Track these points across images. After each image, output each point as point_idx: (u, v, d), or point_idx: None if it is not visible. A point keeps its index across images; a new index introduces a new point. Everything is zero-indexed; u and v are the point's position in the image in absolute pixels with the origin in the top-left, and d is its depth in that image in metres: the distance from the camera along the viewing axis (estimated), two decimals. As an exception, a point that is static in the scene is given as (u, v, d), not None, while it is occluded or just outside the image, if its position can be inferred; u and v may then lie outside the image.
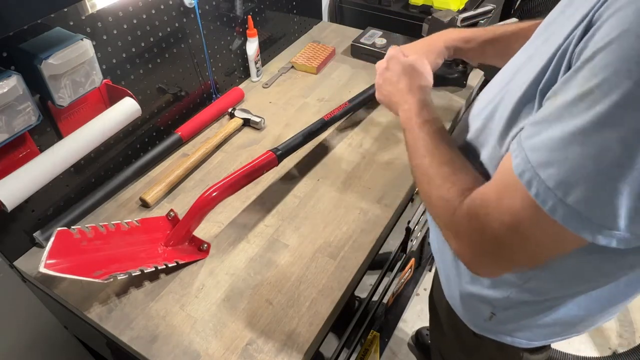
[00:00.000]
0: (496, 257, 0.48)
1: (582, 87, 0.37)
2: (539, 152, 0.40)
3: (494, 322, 0.70)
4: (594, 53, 0.37)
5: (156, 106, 1.09)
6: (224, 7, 1.18)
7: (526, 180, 0.41)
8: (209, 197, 0.83)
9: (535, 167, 0.40)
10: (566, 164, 0.38)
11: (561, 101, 0.39)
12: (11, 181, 0.76)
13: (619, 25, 0.35)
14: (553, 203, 0.39)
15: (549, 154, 0.39)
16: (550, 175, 0.39)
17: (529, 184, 0.41)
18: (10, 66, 0.73)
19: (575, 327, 0.67)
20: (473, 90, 1.27)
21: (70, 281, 0.82)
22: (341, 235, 0.89)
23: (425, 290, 1.82)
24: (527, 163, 0.41)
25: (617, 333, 1.71)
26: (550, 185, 0.39)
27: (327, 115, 1.08)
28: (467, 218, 0.48)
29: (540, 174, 0.39)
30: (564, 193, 0.38)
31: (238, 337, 0.74)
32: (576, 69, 0.38)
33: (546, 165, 0.39)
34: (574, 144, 0.37)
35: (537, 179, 0.40)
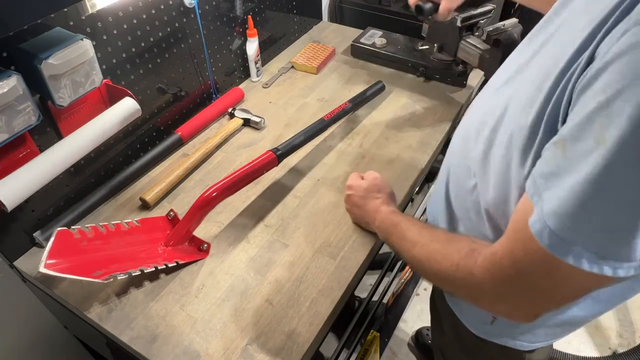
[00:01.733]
0: (532, 302, 0.49)
1: (586, 142, 0.38)
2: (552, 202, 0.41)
3: (496, 326, 0.70)
4: (599, 106, 0.37)
5: (156, 106, 1.09)
6: (224, 7, 1.18)
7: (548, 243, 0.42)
8: (209, 197, 0.83)
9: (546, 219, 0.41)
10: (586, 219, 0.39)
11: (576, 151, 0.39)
12: (11, 181, 0.76)
13: (622, 76, 0.35)
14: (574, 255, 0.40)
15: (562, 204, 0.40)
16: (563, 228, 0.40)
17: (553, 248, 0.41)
18: (10, 66, 0.73)
19: (575, 326, 0.67)
20: (473, 90, 1.27)
21: (70, 281, 0.82)
22: (341, 235, 0.89)
23: (425, 290, 1.82)
24: (542, 217, 0.42)
25: (617, 333, 1.71)
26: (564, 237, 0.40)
27: (327, 115, 1.08)
28: (490, 273, 0.49)
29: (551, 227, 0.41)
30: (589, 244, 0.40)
31: (238, 337, 0.74)
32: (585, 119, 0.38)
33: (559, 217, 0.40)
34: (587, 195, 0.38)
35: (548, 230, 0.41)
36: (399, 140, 1.10)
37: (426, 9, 0.96)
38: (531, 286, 0.46)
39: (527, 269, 0.45)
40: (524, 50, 0.59)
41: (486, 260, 0.50)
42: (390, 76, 1.32)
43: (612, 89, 0.36)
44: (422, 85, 1.29)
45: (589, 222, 0.39)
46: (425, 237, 0.62)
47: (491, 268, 0.49)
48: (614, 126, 0.36)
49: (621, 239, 0.39)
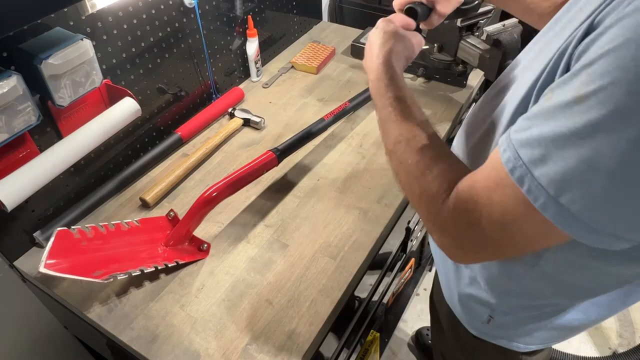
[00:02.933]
0: (481, 250, 0.48)
1: (579, 91, 0.37)
2: (531, 149, 0.40)
3: (492, 326, 0.70)
4: (594, 59, 0.37)
5: (156, 106, 1.09)
6: (224, 7, 1.18)
7: (517, 177, 0.41)
8: (209, 197, 0.83)
9: (527, 164, 0.40)
10: (560, 164, 0.38)
11: (556, 100, 0.39)
12: (11, 181, 0.76)
13: (621, 33, 0.35)
14: (545, 200, 0.39)
15: (541, 151, 0.39)
16: (542, 173, 0.39)
17: (520, 181, 0.40)
18: (10, 66, 0.73)
19: (573, 331, 0.67)
20: (473, 90, 1.27)
21: (70, 281, 0.82)
22: (341, 235, 0.89)
23: (425, 290, 1.82)
24: (518, 159, 0.41)
25: (617, 333, 1.71)
26: (543, 183, 0.39)
27: (327, 115, 1.08)
28: (454, 214, 0.48)
29: (533, 172, 0.39)
30: (557, 192, 0.38)
31: (238, 337, 0.74)
32: (575, 72, 0.38)
33: (539, 162, 0.39)
34: (567, 145, 0.37)
35: (529, 176, 0.40)
36: (399, 140, 1.10)
37: (420, 13, 0.89)
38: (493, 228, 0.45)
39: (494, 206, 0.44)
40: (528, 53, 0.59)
41: (454, 198, 0.48)
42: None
43: (604, 47, 0.36)
44: (422, 85, 1.29)
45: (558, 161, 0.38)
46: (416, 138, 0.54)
47: (456, 205, 0.48)
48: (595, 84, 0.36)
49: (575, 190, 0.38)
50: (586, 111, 0.36)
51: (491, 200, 0.44)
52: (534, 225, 0.42)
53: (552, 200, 0.39)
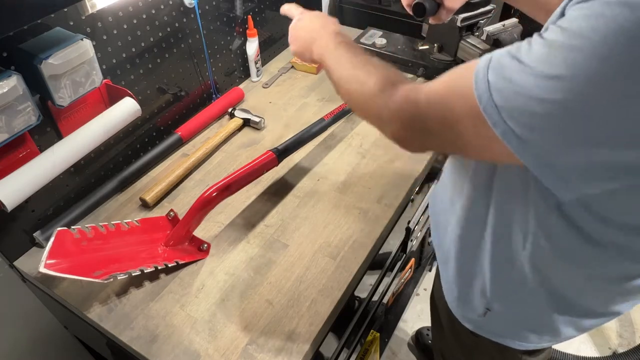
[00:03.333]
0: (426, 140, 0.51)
1: (551, 35, 0.39)
2: (499, 75, 0.41)
3: (488, 319, 0.70)
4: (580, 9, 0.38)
5: (156, 106, 1.09)
6: (224, 7, 1.18)
7: (479, 93, 0.42)
8: (209, 197, 0.83)
9: (490, 86, 0.41)
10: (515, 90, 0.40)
11: (538, 41, 0.40)
12: (11, 181, 0.76)
13: None
14: (496, 120, 0.41)
15: (502, 79, 0.41)
16: (500, 96, 0.41)
17: (480, 99, 0.42)
18: (10, 66, 0.73)
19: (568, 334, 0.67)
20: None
21: (70, 281, 0.82)
22: (341, 235, 0.89)
23: (425, 290, 1.82)
24: (485, 77, 0.42)
25: (617, 333, 1.71)
26: (498, 104, 0.41)
27: (327, 115, 1.08)
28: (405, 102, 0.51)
29: (493, 94, 0.41)
30: (509, 115, 0.40)
31: (238, 337, 0.74)
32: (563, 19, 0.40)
33: (499, 88, 0.41)
34: (528, 77, 0.39)
35: (488, 96, 0.41)
36: (399, 140, 1.10)
37: (429, 8, 0.89)
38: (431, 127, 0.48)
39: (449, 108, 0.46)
40: None
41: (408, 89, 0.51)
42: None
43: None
44: (422, 85, 1.29)
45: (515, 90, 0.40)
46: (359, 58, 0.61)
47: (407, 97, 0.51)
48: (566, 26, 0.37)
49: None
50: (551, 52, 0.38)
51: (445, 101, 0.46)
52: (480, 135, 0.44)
53: (501, 121, 0.41)
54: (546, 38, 0.39)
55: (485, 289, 0.67)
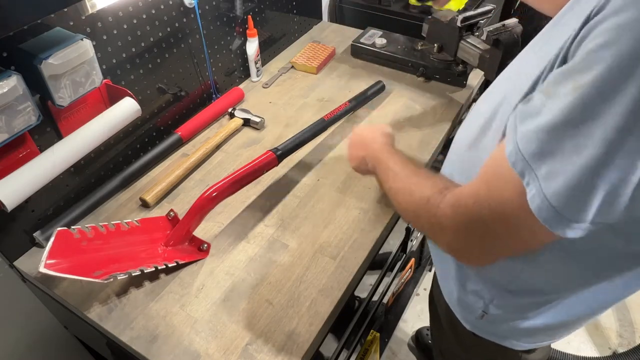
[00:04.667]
0: (484, 246, 0.49)
1: (576, 82, 0.38)
2: (530, 142, 0.41)
3: (486, 321, 0.70)
4: (590, 51, 0.37)
5: (156, 106, 1.09)
6: (224, 7, 1.18)
7: (519, 169, 0.42)
8: (209, 197, 0.83)
9: (526, 157, 0.41)
10: (554, 155, 0.39)
11: (553, 92, 0.40)
12: (11, 181, 0.76)
13: (617, 25, 0.35)
14: (533, 194, 0.40)
15: (539, 144, 0.40)
16: (542, 165, 0.40)
17: (522, 174, 0.41)
18: (10, 66, 0.73)
19: (567, 329, 0.67)
20: (473, 90, 1.27)
21: (70, 281, 0.82)
22: (341, 235, 0.89)
23: (425, 290, 1.82)
24: (519, 152, 0.42)
25: (617, 333, 1.71)
26: (540, 176, 0.40)
27: (327, 115, 1.08)
28: (452, 209, 0.49)
29: (532, 165, 0.40)
30: (547, 184, 0.39)
31: (238, 337, 0.74)
32: (573, 63, 0.39)
33: (537, 155, 0.40)
34: (560, 136, 0.38)
35: (529, 169, 0.41)
36: (399, 140, 1.10)
37: None
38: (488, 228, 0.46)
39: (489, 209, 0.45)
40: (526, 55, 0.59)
41: (453, 196, 0.50)
42: (390, 76, 1.32)
43: (599, 39, 0.37)
44: (422, 85, 1.29)
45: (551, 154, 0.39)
46: (407, 170, 0.63)
47: (455, 204, 0.49)
48: (591, 72, 0.37)
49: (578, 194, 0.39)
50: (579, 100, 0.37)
51: (492, 193, 0.45)
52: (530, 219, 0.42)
53: (539, 192, 0.40)
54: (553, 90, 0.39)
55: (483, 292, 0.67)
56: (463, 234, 0.49)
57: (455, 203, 0.49)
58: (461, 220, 0.48)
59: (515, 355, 0.75)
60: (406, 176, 0.62)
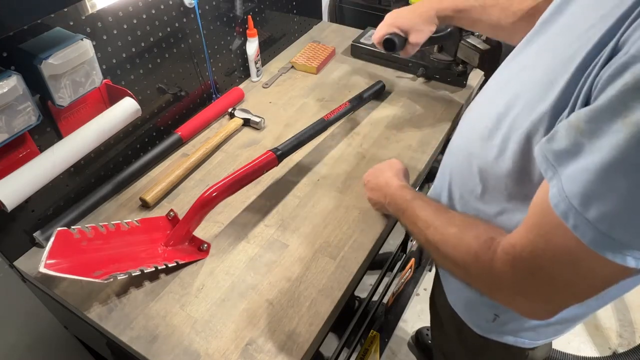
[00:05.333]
0: (549, 297, 0.47)
1: (619, 116, 0.36)
2: (575, 184, 0.39)
3: (498, 324, 0.70)
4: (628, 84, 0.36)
5: (156, 106, 1.09)
6: (224, 7, 1.18)
7: (562, 211, 0.40)
8: (209, 197, 0.83)
9: (570, 199, 0.39)
10: (607, 197, 0.37)
11: (595, 128, 0.38)
12: (11, 181, 0.76)
13: None
14: (594, 236, 0.39)
15: (587, 185, 0.38)
16: (589, 209, 0.38)
17: (565, 216, 0.40)
18: (10, 66, 0.73)
19: (575, 322, 0.68)
20: (473, 90, 1.27)
21: (70, 281, 0.82)
22: (341, 235, 0.89)
23: (425, 290, 1.82)
24: (563, 194, 0.40)
25: (617, 333, 1.71)
26: (590, 218, 0.38)
27: (327, 115, 1.08)
28: (510, 265, 0.47)
29: (577, 207, 0.39)
30: (609, 227, 0.38)
31: (238, 337, 0.74)
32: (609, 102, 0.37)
33: (584, 198, 0.38)
34: (613, 175, 0.37)
35: (574, 211, 0.39)
36: (399, 140, 1.10)
37: (398, 43, 0.95)
38: (552, 279, 0.44)
39: (548, 259, 0.43)
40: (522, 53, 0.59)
41: (505, 252, 0.48)
42: (390, 76, 1.32)
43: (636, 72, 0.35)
44: (422, 85, 1.29)
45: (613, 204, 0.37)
46: (440, 219, 0.59)
47: (512, 260, 0.47)
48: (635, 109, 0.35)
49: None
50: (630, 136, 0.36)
51: (550, 242, 0.43)
52: (593, 262, 0.40)
53: (602, 235, 0.38)
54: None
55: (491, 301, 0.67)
56: (526, 289, 0.47)
57: (511, 260, 0.47)
58: (522, 275, 0.46)
59: (521, 354, 0.75)
60: (442, 226, 0.58)
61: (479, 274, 0.51)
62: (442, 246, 0.57)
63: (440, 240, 0.58)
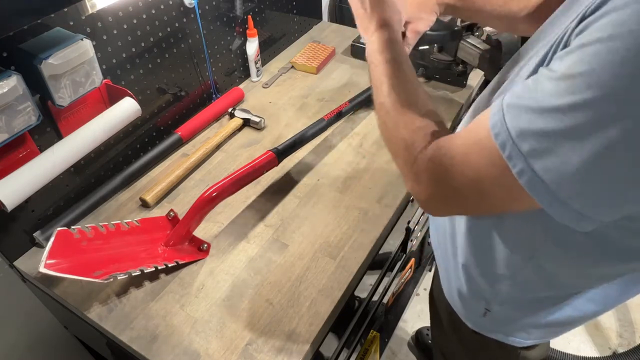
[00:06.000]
0: (451, 203, 0.51)
1: (568, 69, 0.38)
2: (517, 117, 0.41)
3: (489, 319, 0.70)
4: (589, 42, 0.37)
5: (156, 106, 1.09)
6: (224, 7, 1.18)
7: (500, 141, 0.42)
8: (209, 197, 0.83)
9: (511, 131, 0.41)
10: (540, 135, 0.39)
11: (546, 76, 0.40)
12: (11, 181, 0.76)
13: (620, 21, 0.35)
14: (522, 167, 0.40)
15: (525, 120, 0.40)
16: (523, 141, 0.40)
17: (502, 146, 0.42)
18: (10, 66, 0.73)
19: (567, 327, 0.67)
20: (473, 90, 1.27)
21: (70, 281, 0.82)
22: (341, 235, 0.89)
23: (425, 290, 1.82)
24: (504, 125, 0.42)
25: (617, 333, 1.71)
26: (523, 150, 0.40)
27: (327, 115, 1.08)
28: (429, 164, 0.50)
29: (515, 139, 0.40)
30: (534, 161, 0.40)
31: (238, 337, 0.74)
32: (569, 50, 0.39)
33: (521, 132, 0.40)
34: (550, 119, 0.38)
35: (511, 143, 0.41)
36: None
37: None
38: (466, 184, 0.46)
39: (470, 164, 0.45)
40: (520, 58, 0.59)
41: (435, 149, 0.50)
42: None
43: (601, 32, 0.36)
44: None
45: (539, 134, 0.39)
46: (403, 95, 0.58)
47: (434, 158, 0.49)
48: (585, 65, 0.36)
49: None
50: (572, 90, 0.37)
51: (467, 158, 0.46)
52: (505, 188, 0.43)
53: (528, 168, 0.40)
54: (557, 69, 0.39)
55: (485, 291, 0.67)
56: (434, 188, 0.50)
57: (432, 158, 0.49)
58: (436, 177, 0.49)
59: (514, 352, 0.75)
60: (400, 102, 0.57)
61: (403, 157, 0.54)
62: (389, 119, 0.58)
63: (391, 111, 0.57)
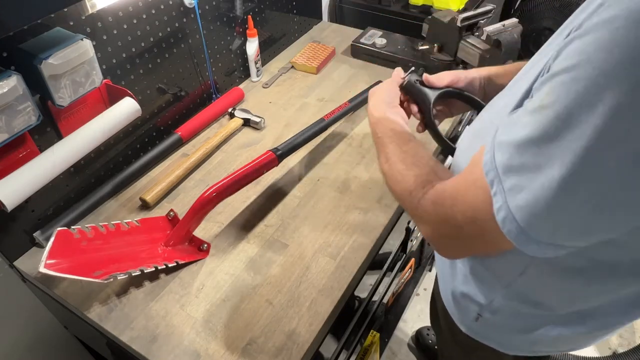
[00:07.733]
0: (458, 243, 0.52)
1: (542, 101, 0.39)
2: (503, 154, 0.42)
3: (481, 325, 0.70)
4: (558, 71, 0.38)
5: (156, 106, 1.09)
6: (224, 7, 1.18)
7: (490, 179, 0.43)
8: (209, 197, 0.83)
9: (498, 168, 0.42)
10: (517, 171, 0.40)
11: (526, 108, 0.41)
12: (11, 181, 0.76)
13: (580, 49, 0.36)
14: (500, 204, 0.42)
15: (507, 158, 0.41)
16: (508, 179, 0.41)
17: (491, 183, 0.43)
18: (10, 66, 0.73)
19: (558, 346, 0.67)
20: (473, 90, 1.26)
21: (70, 281, 0.82)
22: (341, 235, 0.89)
23: (425, 290, 1.82)
24: (493, 163, 0.43)
25: (617, 333, 1.71)
26: (506, 188, 0.41)
27: (327, 115, 1.08)
28: (433, 206, 0.52)
29: (502, 177, 0.42)
30: (512, 198, 0.41)
31: (238, 337, 0.74)
32: (544, 80, 0.40)
33: (505, 168, 0.42)
34: (526, 154, 0.40)
35: (498, 180, 0.42)
36: (399, 140, 1.10)
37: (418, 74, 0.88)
38: (461, 229, 0.49)
39: (468, 203, 0.47)
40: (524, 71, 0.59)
41: (434, 194, 0.53)
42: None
43: (563, 63, 0.38)
44: (422, 85, 1.29)
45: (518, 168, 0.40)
46: (396, 155, 0.64)
47: (435, 201, 0.52)
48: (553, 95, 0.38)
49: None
50: (543, 122, 0.38)
51: (465, 197, 0.47)
52: (494, 228, 0.44)
53: (505, 205, 0.41)
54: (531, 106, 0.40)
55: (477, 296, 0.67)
56: (439, 231, 0.53)
57: (435, 201, 0.52)
58: (439, 219, 0.51)
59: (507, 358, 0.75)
60: (395, 162, 0.63)
61: (409, 207, 0.57)
62: (390, 180, 0.63)
63: (389, 172, 0.63)
